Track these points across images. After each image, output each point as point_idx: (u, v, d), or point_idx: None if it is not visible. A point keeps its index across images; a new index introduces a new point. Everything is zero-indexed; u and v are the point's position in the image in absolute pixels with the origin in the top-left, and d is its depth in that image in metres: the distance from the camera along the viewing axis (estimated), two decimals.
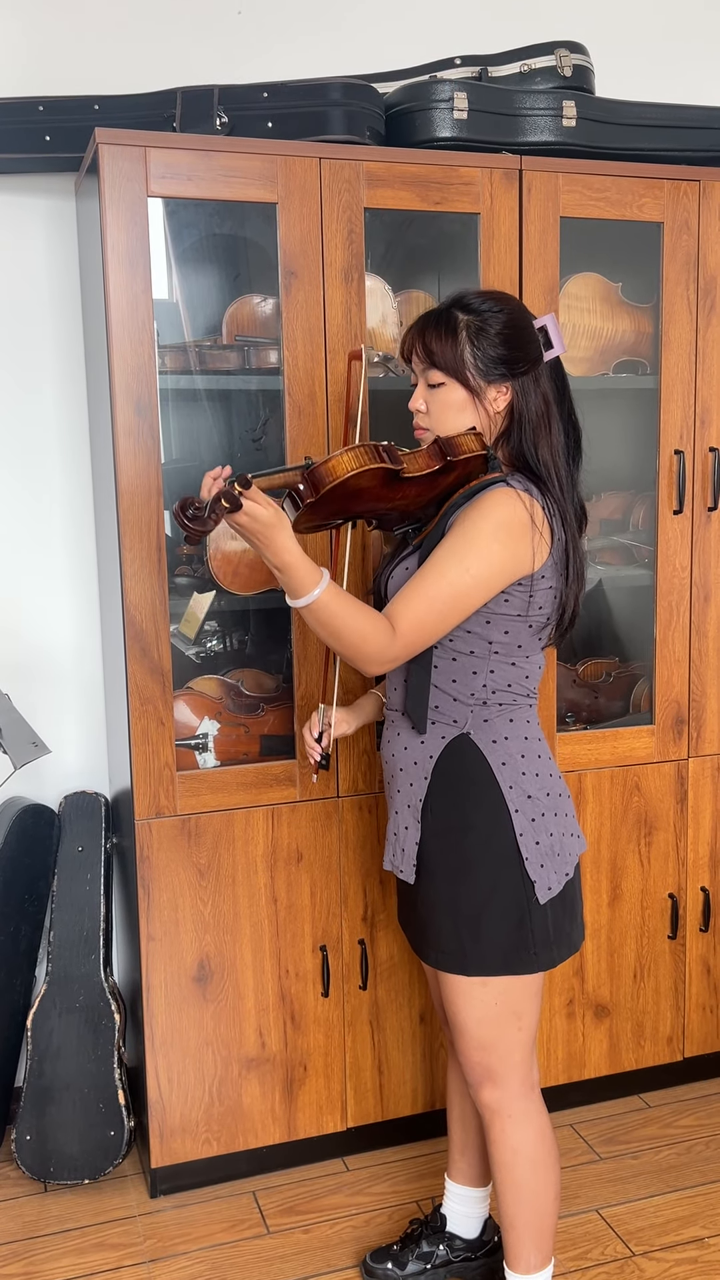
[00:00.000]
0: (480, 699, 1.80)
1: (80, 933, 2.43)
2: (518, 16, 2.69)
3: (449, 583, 1.70)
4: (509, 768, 1.79)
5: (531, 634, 1.81)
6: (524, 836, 1.78)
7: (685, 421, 2.44)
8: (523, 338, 1.77)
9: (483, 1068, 1.85)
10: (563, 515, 1.78)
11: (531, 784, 1.80)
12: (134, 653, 2.16)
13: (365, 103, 2.20)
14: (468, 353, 1.75)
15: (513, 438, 1.80)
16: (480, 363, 1.75)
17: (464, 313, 1.76)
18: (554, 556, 1.77)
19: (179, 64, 2.48)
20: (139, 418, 2.10)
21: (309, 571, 1.65)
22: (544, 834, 1.80)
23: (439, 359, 1.76)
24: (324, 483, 1.66)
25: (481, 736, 1.80)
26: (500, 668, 1.79)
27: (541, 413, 1.78)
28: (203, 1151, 2.34)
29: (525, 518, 1.72)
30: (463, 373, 1.75)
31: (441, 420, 1.79)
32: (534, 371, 1.78)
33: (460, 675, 1.79)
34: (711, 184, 2.39)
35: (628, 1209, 2.32)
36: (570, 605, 1.82)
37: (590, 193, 2.31)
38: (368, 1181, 2.42)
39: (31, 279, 2.46)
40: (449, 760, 1.80)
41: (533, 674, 1.84)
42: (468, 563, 1.70)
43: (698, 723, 2.55)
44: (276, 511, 1.61)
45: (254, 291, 2.35)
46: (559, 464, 1.79)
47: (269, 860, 2.30)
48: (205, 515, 1.57)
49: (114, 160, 2.03)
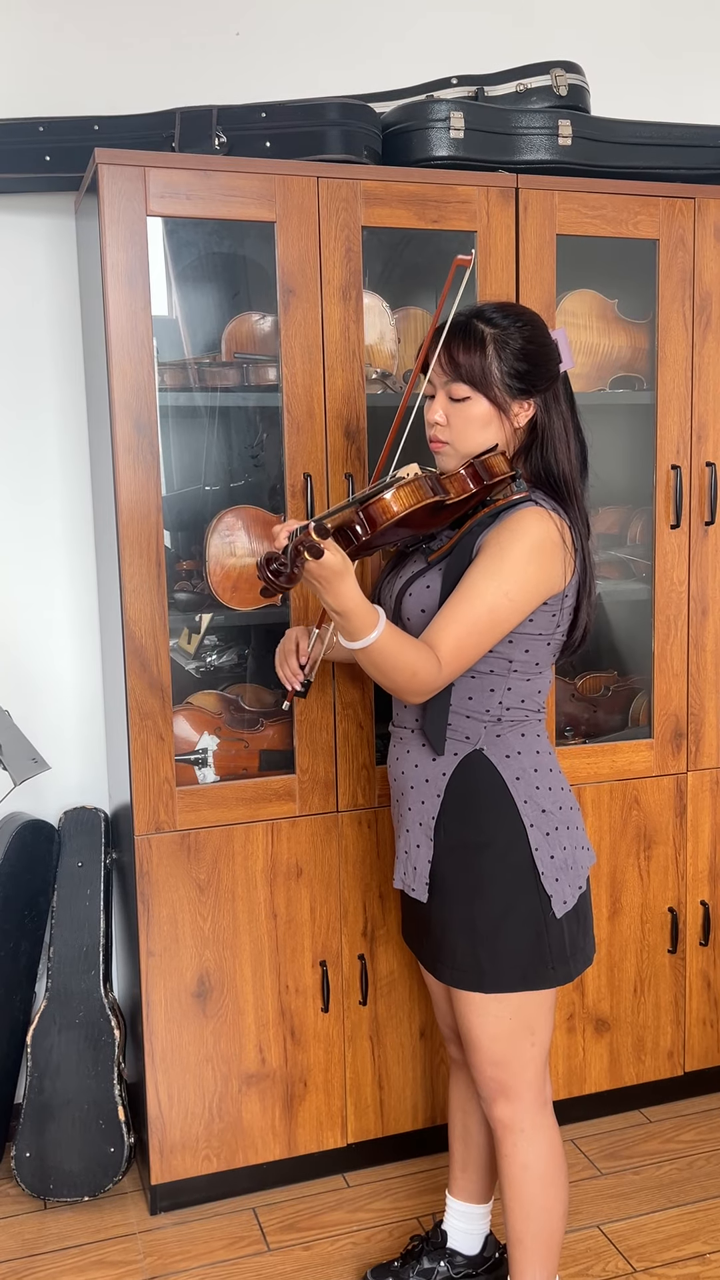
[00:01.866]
0: (495, 715, 1.79)
1: (80, 948, 2.43)
2: (515, 37, 2.72)
3: (489, 607, 1.68)
4: (523, 782, 1.79)
5: (550, 651, 1.81)
6: (539, 851, 1.78)
7: (682, 436, 2.46)
8: (545, 353, 1.76)
9: (497, 1083, 1.84)
10: (581, 533, 1.78)
11: (545, 798, 1.80)
12: (133, 668, 2.17)
13: (362, 122, 2.22)
14: (494, 366, 1.72)
15: (533, 454, 1.79)
16: (506, 377, 1.72)
17: (488, 326, 1.73)
18: (577, 574, 1.77)
19: (178, 84, 2.51)
20: (139, 434, 2.11)
21: (368, 613, 1.62)
22: (558, 848, 1.80)
23: (465, 371, 1.72)
24: (380, 521, 1.64)
25: (495, 752, 1.79)
26: (517, 685, 1.79)
27: (563, 429, 1.78)
28: (203, 1168, 2.33)
29: (557, 537, 1.72)
30: (489, 387, 1.72)
31: (464, 435, 1.76)
32: (554, 387, 1.77)
33: (477, 693, 1.79)
34: (706, 201, 2.41)
35: (629, 1225, 2.31)
36: (584, 621, 1.83)
37: (586, 210, 2.33)
38: (368, 1198, 2.41)
39: (32, 297, 2.48)
40: (462, 777, 1.80)
41: (544, 689, 1.84)
42: (506, 586, 1.68)
43: (696, 736, 2.55)
44: (344, 558, 1.59)
45: (253, 309, 2.37)
46: (576, 480, 1.79)
47: (268, 875, 2.30)
48: (289, 570, 1.54)
49: (113, 180, 2.05)
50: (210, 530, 2.30)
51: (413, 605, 1.80)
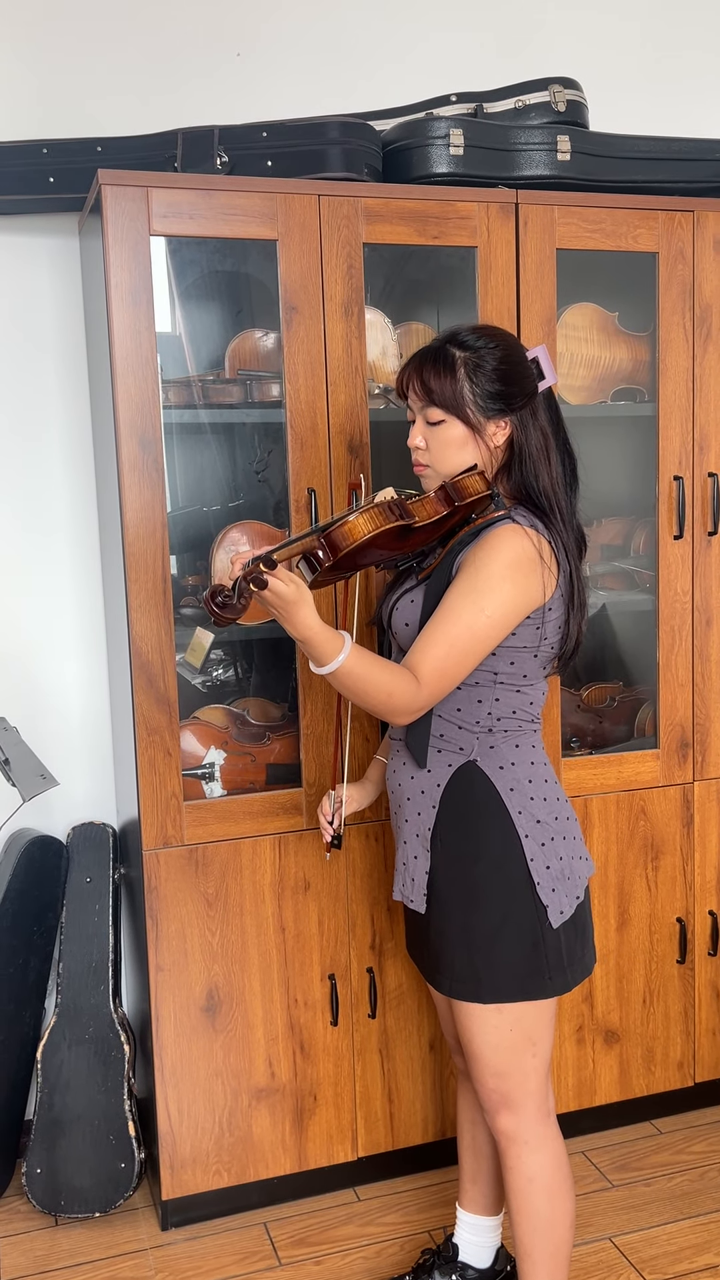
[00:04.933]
0: (486, 726, 1.81)
1: (89, 964, 2.44)
2: (514, 55, 2.74)
3: (466, 625, 1.71)
4: (517, 793, 1.80)
5: (538, 663, 1.82)
6: (535, 861, 1.79)
7: (684, 447, 2.47)
8: (519, 372, 1.79)
9: (499, 1094, 1.85)
10: (566, 546, 1.79)
11: (540, 808, 1.81)
12: (140, 683, 2.18)
13: (363, 140, 2.24)
14: (466, 389, 1.76)
15: (513, 471, 1.81)
16: (479, 399, 1.76)
17: (460, 349, 1.77)
18: (560, 588, 1.78)
19: (180, 105, 2.53)
20: (143, 452, 2.12)
21: (330, 639, 1.67)
22: (554, 858, 1.80)
23: (438, 396, 1.77)
24: (341, 547, 1.68)
25: (488, 763, 1.81)
26: (505, 695, 1.81)
27: (541, 445, 1.80)
28: (214, 1183, 2.33)
29: (533, 553, 1.73)
30: (462, 409, 1.76)
31: (442, 457, 1.80)
32: (531, 405, 1.79)
33: (465, 704, 1.80)
34: (705, 214, 2.42)
35: (641, 1237, 2.30)
36: (574, 634, 1.84)
37: (586, 225, 2.35)
38: (379, 1211, 2.41)
39: (36, 316, 2.50)
40: (456, 788, 1.81)
41: (537, 700, 1.85)
42: (483, 604, 1.71)
43: (702, 746, 2.56)
44: (299, 587, 1.64)
45: (256, 326, 2.38)
46: (560, 495, 1.81)
47: (276, 889, 2.30)
48: (235, 601, 1.60)
49: (117, 200, 2.07)
50: (215, 545, 2.31)
51: (398, 620, 1.84)
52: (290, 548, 1.69)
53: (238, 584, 1.60)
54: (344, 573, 1.78)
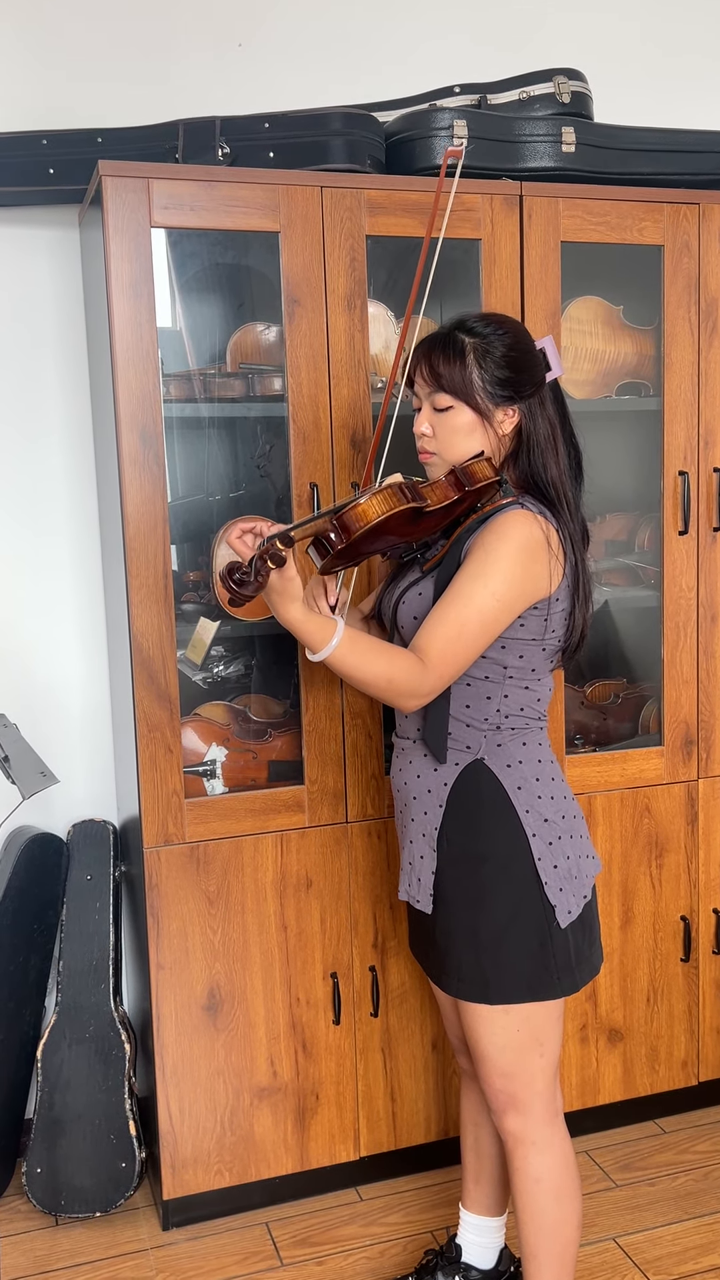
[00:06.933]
0: (494, 724, 1.79)
1: (89, 962, 2.42)
2: (518, 48, 2.72)
3: (476, 609, 1.69)
4: (524, 791, 1.79)
5: (545, 657, 1.81)
6: (542, 861, 1.77)
7: (689, 442, 2.45)
8: (528, 360, 1.78)
9: (506, 1095, 1.83)
10: (572, 537, 1.78)
11: (547, 807, 1.79)
12: (141, 680, 2.16)
13: (366, 132, 2.22)
14: (475, 375, 1.74)
15: (520, 460, 1.80)
16: (488, 385, 1.75)
17: (469, 335, 1.76)
18: (567, 578, 1.77)
19: (181, 96, 2.51)
20: (144, 446, 2.11)
21: (321, 626, 1.68)
22: (561, 857, 1.79)
23: (446, 381, 1.75)
24: (354, 529, 1.67)
25: (496, 761, 1.79)
26: (514, 691, 1.79)
27: (549, 435, 1.79)
28: (215, 1182, 2.32)
29: (542, 539, 1.73)
30: (471, 395, 1.75)
31: (449, 444, 1.78)
32: (539, 394, 1.78)
33: (475, 701, 1.78)
34: (711, 207, 2.40)
35: (645, 1237, 2.29)
36: (580, 626, 1.82)
37: (590, 217, 2.33)
38: (381, 1211, 2.39)
39: (36, 309, 2.48)
40: (464, 786, 1.79)
41: (544, 696, 1.84)
42: (493, 586, 1.69)
43: (707, 743, 2.54)
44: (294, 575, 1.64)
45: (258, 319, 2.36)
46: (567, 486, 1.80)
47: (278, 887, 2.29)
48: (253, 579, 1.57)
49: (117, 192, 2.05)
50: (217, 541, 2.30)
51: (406, 613, 1.82)
52: (304, 528, 1.66)
53: (254, 562, 1.57)
54: (350, 560, 1.76)
